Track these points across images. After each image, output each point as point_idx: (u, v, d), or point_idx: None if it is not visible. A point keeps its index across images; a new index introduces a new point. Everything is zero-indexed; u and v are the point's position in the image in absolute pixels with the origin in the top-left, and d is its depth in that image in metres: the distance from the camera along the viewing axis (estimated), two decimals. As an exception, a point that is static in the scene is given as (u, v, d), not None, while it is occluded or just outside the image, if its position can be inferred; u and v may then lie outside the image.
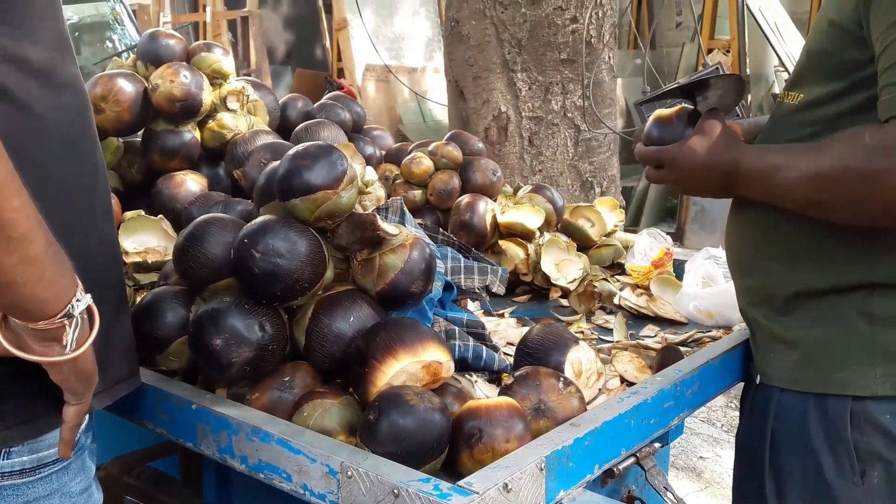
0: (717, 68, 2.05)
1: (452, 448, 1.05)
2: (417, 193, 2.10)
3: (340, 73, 7.04)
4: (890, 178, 0.99)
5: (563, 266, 1.90)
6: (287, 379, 1.16)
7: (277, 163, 1.17)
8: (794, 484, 1.21)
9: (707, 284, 1.69)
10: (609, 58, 3.43)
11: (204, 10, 7.61)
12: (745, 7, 5.55)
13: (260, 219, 1.13)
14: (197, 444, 1.16)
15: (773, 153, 1.18)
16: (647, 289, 1.83)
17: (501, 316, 1.79)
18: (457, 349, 1.31)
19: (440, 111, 5.93)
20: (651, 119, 1.35)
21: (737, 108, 1.87)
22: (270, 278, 1.09)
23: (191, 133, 1.84)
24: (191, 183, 1.79)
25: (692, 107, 1.33)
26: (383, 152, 2.24)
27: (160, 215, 1.61)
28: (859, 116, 1.10)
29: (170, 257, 1.47)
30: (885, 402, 1.14)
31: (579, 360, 1.27)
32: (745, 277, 1.32)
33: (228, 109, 1.85)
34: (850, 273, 1.15)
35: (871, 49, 1.06)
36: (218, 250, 1.18)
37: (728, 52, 5.66)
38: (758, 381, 1.29)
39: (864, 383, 1.14)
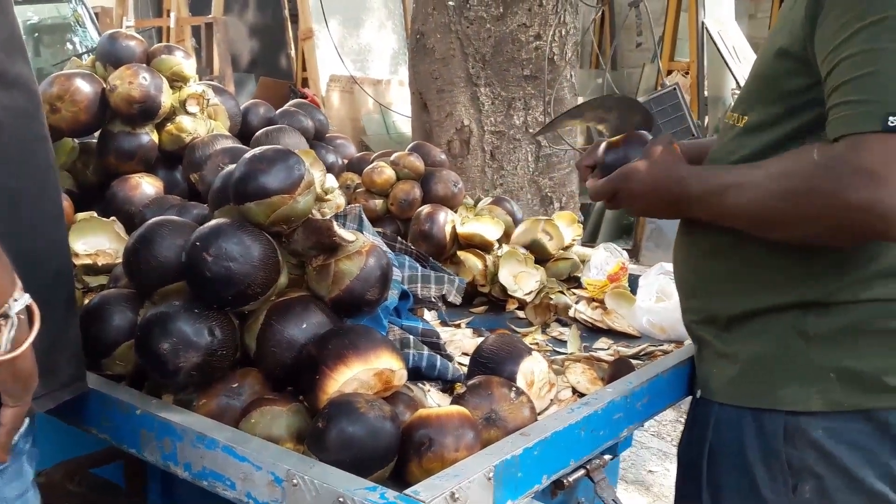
0: (674, 88, 2.08)
1: (402, 457, 1.05)
2: (378, 203, 2.09)
3: (305, 82, 7.01)
4: (838, 195, 1.00)
5: (520, 278, 1.91)
6: (236, 385, 1.15)
7: (234, 166, 1.16)
8: (730, 497, 1.23)
9: (660, 299, 1.71)
10: (571, 75, 3.47)
11: (168, 16, 7.53)
12: (705, 30, 5.67)
13: (213, 221, 1.12)
14: (140, 450, 1.13)
15: (721, 173, 1.19)
16: (602, 302, 1.84)
17: (458, 326, 1.79)
18: (411, 358, 1.31)
19: (404, 123, 5.95)
20: (602, 147, 1.37)
21: (692, 128, 1.91)
22: (222, 282, 1.08)
23: (148, 135, 1.81)
24: (146, 186, 1.77)
25: (643, 132, 1.35)
26: (345, 161, 2.24)
27: (112, 217, 1.58)
28: (801, 140, 1.12)
29: (121, 260, 1.44)
30: (818, 417, 1.15)
31: (532, 370, 1.27)
32: (689, 296, 1.35)
33: (188, 113, 1.84)
34: (786, 293, 1.17)
35: (816, 72, 1.08)
36: (169, 253, 1.16)
37: (687, 73, 5.78)
38: (698, 396, 1.30)
39: (798, 399, 1.16)
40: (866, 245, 1.11)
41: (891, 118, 0.96)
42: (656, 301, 1.73)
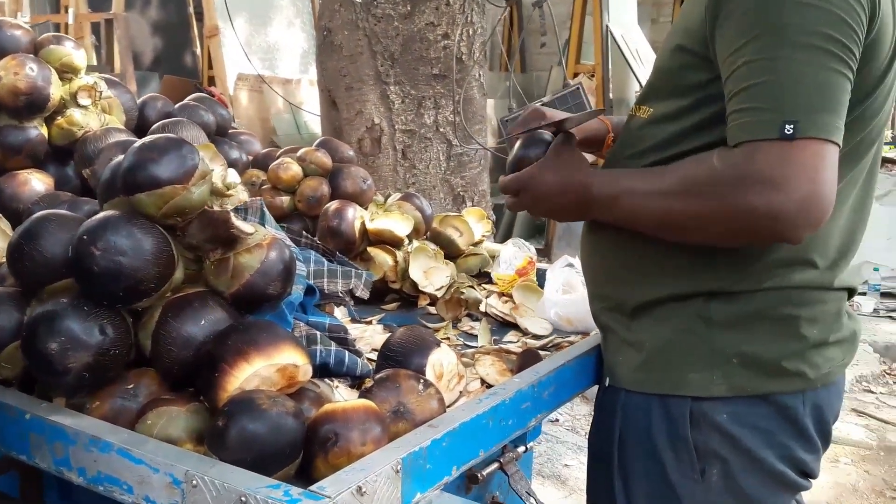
0: (578, 88, 2.12)
1: (307, 454, 1.02)
2: (285, 200, 2.05)
3: (212, 81, 6.83)
4: (736, 200, 1.03)
5: (430, 273, 1.91)
6: (131, 386, 1.10)
7: (123, 156, 1.10)
8: (639, 483, 1.25)
9: (566, 291, 1.74)
10: (479, 75, 3.50)
11: (66, 12, 7.21)
12: (609, 34, 5.82)
13: (101, 214, 1.06)
14: (31, 456, 1.07)
15: (624, 177, 1.21)
16: (512, 296, 1.86)
17: (369, 323, 1.77)
18: (318, 354, 1.28)
19: (316, 123, 5.87)
20: (513, 149, 1.37)
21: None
22: (112, 278, 1.02)
23: (37, 129, 1.72)
24: (35, 182, 1.67)
25: (547, 133, 1.35)
26: (250, 157, 2.18)
27: (-3, 215, 1.49)
28: (703, 133, 1.15)
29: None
30: (722, 402, 1.19)
31: (440, 362, 1.26)
32: (597, 286, 1.37)
33: (79, 105, 1.75)
34: (689, 283, 1.21)
35: (716, 68, 1.10)
36: (56, 249, 1.10)
37: (593, 76, 5.92)
38: (606, 384, 1.32)
39: (703, 384, 1.19)
40: None
41: (787, 126, 0.99)
42: (563, 293, 1.75)
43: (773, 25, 1.01)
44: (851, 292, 1.27)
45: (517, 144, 1.37)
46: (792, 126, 0.99)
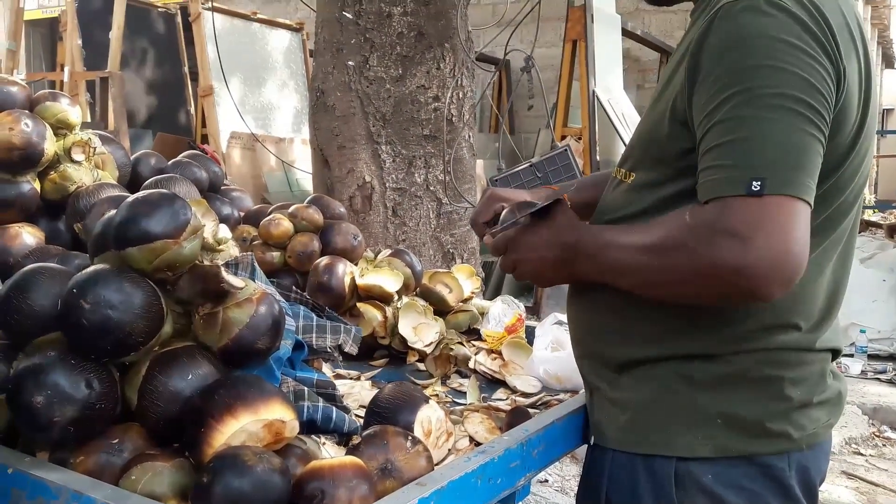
0: (566, 149, 2.17)
1: (293, 511, 1.01)
2: (276, 255, 2.06)
3: (205, 139, 6.90)
4: (705, 256, 1.03)
5: (420, 330, 1.91)
6: (116, 441, 1.08)
7: (115, 210, 1.11)
8: None
9: (556, 349, 1.74)
10: (469, 136, 3.56)
11: (61, 69, 7.31)
12: (596, 99, 5.95)
13: (91, 268, 1.07)
14: (11, 512, 1.05)
15: (608, 231, 1.23)
16: (501, 353, 1.86)
17: (357, 379, 1.76)
18: (305, 410, 1.27)
19: (307, 181, 5.92)
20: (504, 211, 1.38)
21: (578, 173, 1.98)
22: (100, 331, 1.02)
23: (30, 184, 1.73)
24: (26, 236, 1.67)
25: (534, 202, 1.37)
26: (242, 213, 2.19)
27: (-14, 268, 1.49)
28: (684, 201, 1.15)
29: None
30: (707, 462, 1.18)
31: (429, 418, 1.26)
32: (582, 345, 1.38)
33: (73, 161, 1.77)
34: (670, 346, 1.21)
35: (695, 137, 1.12)
36: (45, 302, 1.10)
37: (580, 139, 6.03)
38: (592, 442, 1.32)
39: (687, 444, 1.19)
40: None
41: (754, 183, 1.00)
42: (552, 351, 1.75)
43: (745, 87, 1.03)
44: (836, 353, 1.27)
45: (505, 210, 1.38)
46: (759, 182, 1.00)
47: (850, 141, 1.13)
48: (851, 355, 5.56)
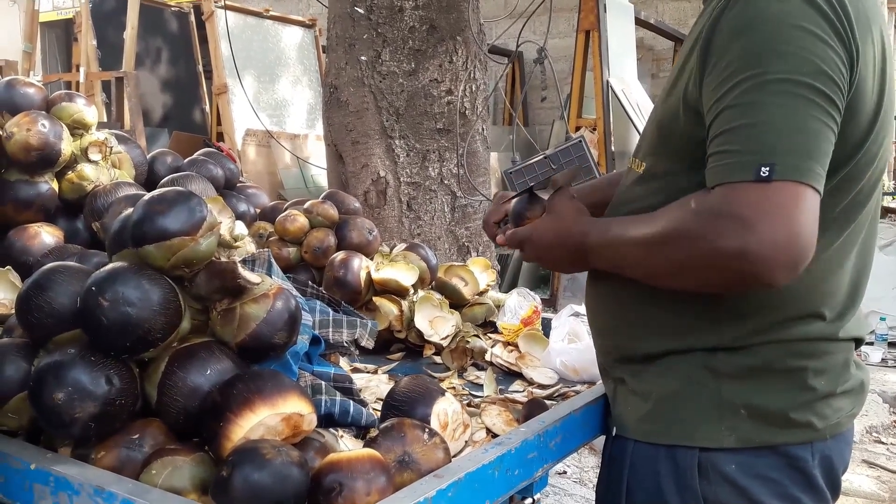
0: (580, 140, 2.16)
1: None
2: (292, 251, 2.07)
3: (220, 136, 6.93)
4: (710, 241, 1.02)
5: (436, 323, 1.91)
6: (136, 436, 1.09)
7: (132, 209, 1.12)
8: None
9: (572, 340, 1.74)
10: (483, 129, 3.55)
11: (77, 70, 7.36)
12: (610, 89, 5.92)
13: (109, 265, 1.08)
14: (35, 507, 1.07)
15: (616, 223, 1.23)
16: (517, 346, 1.86)
17: (374, 372, 1.77)
18: (323, 404, 1.28)
19: (322, 177, 5.93)
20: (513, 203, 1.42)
21: (595, 170, 1.98)
22: (119, 328, 1.04)
23: (48, 184, 1.75)
24: (45, 236, 1.70)
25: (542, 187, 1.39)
26: (258, 210, 2.21)
27: (8, 266, 1.51)
28: (694, 190, 1.14)
29: (14, 311, 1.37)
30: (731, 453, 1.18)
31: (445, 411, 1.26)
32: (602, 338, 1.38)
33: (90, 161, 1.78)
34: (693, 338, 1.20)
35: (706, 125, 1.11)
36: (65, 300, 1.11)
37: (594, 129, 6.00)
38: (614, 433, 1.32)
39: (710, 435, 1.18)
40: (774, 292, 1.12)
41: (763, 168, 0.99)
42: (568, 343, 1.75)
43: (757, 73, 1.02)
44: (858, 342, 1.27)
45: (514, 201, 1.40)
46: (768, 168, 0.99)
47: (867, 127, 1.12)
48: (872, 343, 5.52)
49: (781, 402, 1.17)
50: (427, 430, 1.16)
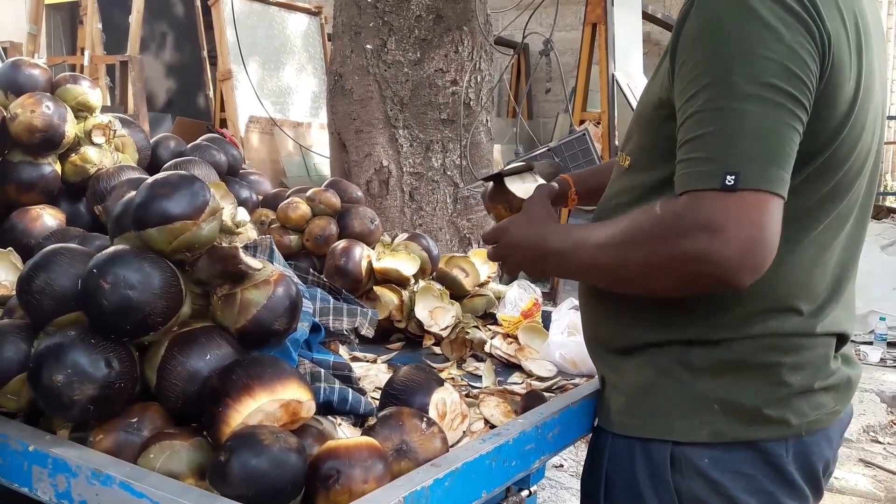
0: (584, 133, 2.17)
1: (309, 491, 1.02)
2: (293, 238, 2.07)
3: (224, 123, 6.93)
4: (676, 246, 1.03)
5: (436, 313, 1.91)
6: (135, 420, 1.10)
7: (135, 192, 1.12)
8: None
9: (572, 333, 1.74)
10: (487, 121, 3.55)
11: (82, 53, 7.36)
12: (615, 83, 5.90)
13: (111, 248, 1.08)
14: (32, 488, 1.07)
15: (577, 229, 1.22)
16: (517, 338, 1.86)
17: (373, 362, 1.77)
18: (322, 392, 1.28)
19: (325, 165, 5.93)
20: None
21: (598, 163, 1.99)
22: (120, 311, 1.04)
23: (51, 166, 1.75)
24: (47, 218, 1.70)
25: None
26: (260, 197, 2.21)
27: (9, 248, 1.51)
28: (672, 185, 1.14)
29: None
30: (704, 447, 1.18)
31: (444, 401, 1.26)
32: (588, 330, 1.39)
33: (93, 143, 1.78)
34: (668, 332, 1.21)
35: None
36: (65, 282, 1.11)
37: (599, 123, 5.99)
38: (595, 425, 1.33)
39: (684, 429, 1.19)
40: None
41: (728, 177, 1.00)
42: (567, 336, 1.75)
43: (719, 77, 1.02)
44: (842, 337, 1.25)
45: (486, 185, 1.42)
46: (733, 177, 1.00)
47: (844, 115, 1.10)
48: (871, 343, 5.52)
49: (755, 398, 1.17)
50: (425, 419, 1.16)
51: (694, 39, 1.06)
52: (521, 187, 1.48)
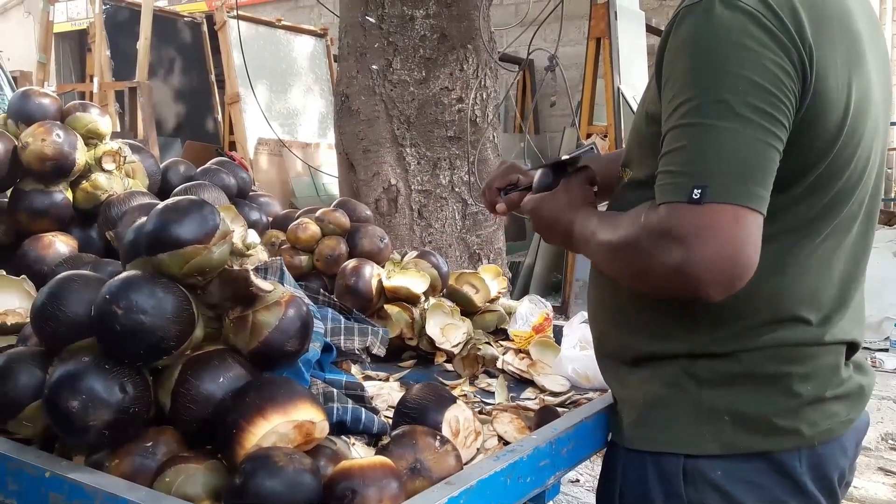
0: (592, 147, 2.17)
1: (324, 511, 1.02)
2: (304, 259, 2.08)
3: (233, 145, 6.98)
4: (653, 256, 1.06)
5: (447, 330, 1.91)
6: (150, 444, 1.10)
7: (146, 218, 1.13)
8: None
9: (584, 347, 1.74)
10: (493, 137, 3.56)
11: (91, 80, 7.44)
12: (621, 96, 5.92)
13: (123, 274, 1.09)
14: (48, 515, 1.07)
15: (594, 218, 1.26)
16: (528, 353, 1.85)
17: (386, 380, 1.77)
18: (335, 412, 1.28)
19: (334, 185, 5.96)
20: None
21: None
22: (133, 336, 1.04)
23: (62, 193, 1.77)
24: (60, 245, 1.71)
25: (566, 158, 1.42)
26: (270, 218, 2.22)
27: (22, 276, 1.53)
28: None
29: (30, 319, 1.38)
30: (716, 459, 1.17)
31: (457, 418, 1.26)
32: (599, 344, 1.39)
33: (104, 170, 1.80)
34: (674, 343, 1.21)
35: None
36: (79, 308, 1.12)
37: (605, 136, 6.00)
38: (608, 439, 1.33)
39: (694, 442, 1.18)
40: (751, 297, 1.13)
41: (695, 191, 1.02)
42: (580, 350, 1.75)
43: (695, 94, 1.04)
44: (852, 345, 1.25)
45: (539, 172, 1.43)
46: (700, 191, 1.02)
47: (836, 128, 1.10)
48: (886, 350, 5.47)
49: (765, 409, 1.16)
50: (439, 437, 1.16)
51: (674, 56, 1.09)
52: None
